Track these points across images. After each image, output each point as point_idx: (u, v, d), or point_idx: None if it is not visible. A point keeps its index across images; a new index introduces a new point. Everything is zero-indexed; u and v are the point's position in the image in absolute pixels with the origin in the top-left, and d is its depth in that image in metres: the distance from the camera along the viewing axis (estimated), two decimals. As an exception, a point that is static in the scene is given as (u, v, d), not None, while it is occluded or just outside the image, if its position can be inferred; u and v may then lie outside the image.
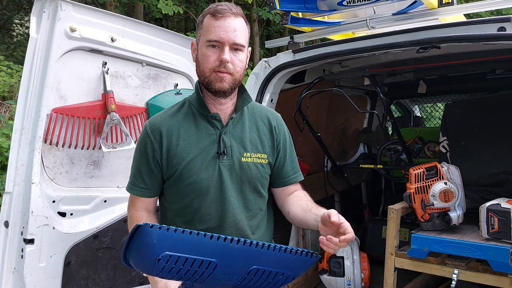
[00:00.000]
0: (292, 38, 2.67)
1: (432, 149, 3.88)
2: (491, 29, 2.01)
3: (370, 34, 2.45)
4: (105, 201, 2.45)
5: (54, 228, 2.18)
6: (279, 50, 7.58)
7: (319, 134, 3.38)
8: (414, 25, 2.32)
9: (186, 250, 1.18)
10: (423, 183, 2.41)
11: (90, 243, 2.33)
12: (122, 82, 2.49)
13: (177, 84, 2.75)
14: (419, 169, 2.44)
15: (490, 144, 2.90)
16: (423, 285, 2.85)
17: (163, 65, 2.65)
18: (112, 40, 2.36)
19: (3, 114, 6.37)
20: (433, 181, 2.40)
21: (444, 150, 3.09)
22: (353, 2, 2.46)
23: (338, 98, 3.72)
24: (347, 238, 1.29)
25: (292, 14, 2.57)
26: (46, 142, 2.21)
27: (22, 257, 2.09)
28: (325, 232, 1.36)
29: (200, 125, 1.54)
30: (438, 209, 2.37)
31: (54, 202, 2.25)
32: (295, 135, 2.15)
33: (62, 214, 2.29)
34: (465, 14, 2.58)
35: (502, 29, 1.98)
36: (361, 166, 3.93)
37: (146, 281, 1.60)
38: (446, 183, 2.37)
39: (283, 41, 2.76)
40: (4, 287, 2.09)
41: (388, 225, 2.45)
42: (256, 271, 1.28)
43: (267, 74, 2.71)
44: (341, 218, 1.33)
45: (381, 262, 2.55)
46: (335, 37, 2.73)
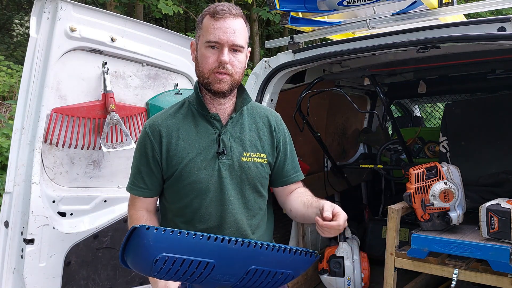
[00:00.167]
0: (292, 38, 2.67)
1: (432, 149, 3.87)
2: (491, 29, 2.01)
3: (370, 34, 2.45)
4: (105, 201, 2.45)
5: (54, 228, 2.18)
6: (279, 50, 7.58)
7: (319, 134, 3.38)
8: (414, 25, 2.32)
9: (183, 251, 1.18)
10: (423, 183, 2.41)
11: (90, 243, 2.33)
12: (122, 82, 2.49)
13: (177, 84, 2.75)
14: (419, 169, 2.44)
15: (490, 144, 2.90)
16: (423, 285, 2.84)
17: (163, 65, 2.65)
18: (112, 40, 2.36)
19: (3, 114, 6.37)
20: (433, 181, 2.40)
21: (444, 150, 3.09)
22: (353, 2, 2.46)
23: (338, 98, 3.72)
24: (333, 225, 1.33)
25: (292, 14, 2.57)
26: (46, 142, 2.21)
27: (22, 257, 2.09)
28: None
29: (199, 125, 1.54)
30: (438, 209, 2.37)
31: (54, 202, 2.25)
32: (295, 135, 2.15)
33: (62, 214, 2.29)
34: (465, 14, 2.58)
35: (502, 29, 1.97)
36: (361, 166, 3.93)
37: (146, 281, 1.60)
38: (446, 183, 2.37)
39: (283, 41, 2.76)
40: (4, 287, 2.09)
41: (388, 225, 2.45)
42: (255, 271, 1.28)
43: (267, 74, 2.71)
44: (335, 209, 1.37)
45: (381, 262, 2.54)
46: (335, 37, 2.73)
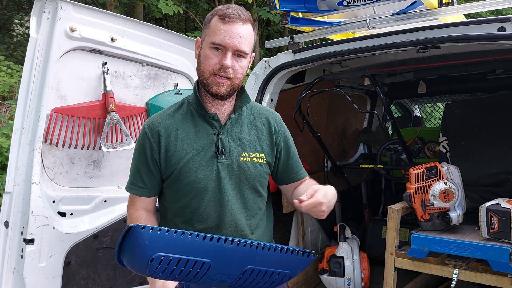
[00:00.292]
0: (292, 38, 2.67)
1: (432, 149, 3.87)
2: (491, 29, 2.01)
3: (370, 34, 2.45)
4: (105, 201, 2.45)
5: (54, 228, 2.19)
6: (279, 50, 7.58)
7: (319, 134, 3.38)
8: (414, 25, 2.32)
9: (179, 251, 1.18)
10: (423, 183, 2.41)
11: (90, 243, 2.34)
12: (122, 82, 2.49)
13: (177, 84, 2.75)
14: (419, 169, 2.44)
15: (490, 144, 2.90)
16: (423, 285, 2.84)
17: (163, 65, 2.66)
18: (112, 40, 2.36)
19: (3, 114, 6.37)
20: (433, 181, 2.40)
21: (444, 150, 3.09)
22: (353, 2, 2.46)
23: (338, 98, 3.72)
24: (310, 202, 1.36)
25: (292, 14, 2.57)
26: (46, 142, 2.21)
27: (22, 257, 2.09)
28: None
29: (198, 125, 1.54)
30: (438, 209, 2.37)
31: (54, 202, 2.25)
32: (295, 135, 2.14)
33: (62, 214, 2.29)
34: (465, 14, 2.58)
35: (502, 29, 1.98)
36: (361, 166, 3.93)
37: (146, 281, 1.60)
38: (446, 183, 2.37)
39: (283, 41, 2.76)
40: (4, 287, 2.09)
41: (388, 225, 2.45)
42: (251, 271, 1.28)
43: (267, 74, 2.72)
44: (315, 189, 1.39)
45: (381, 262, 2.55)
46: (335, 37, 2.73)
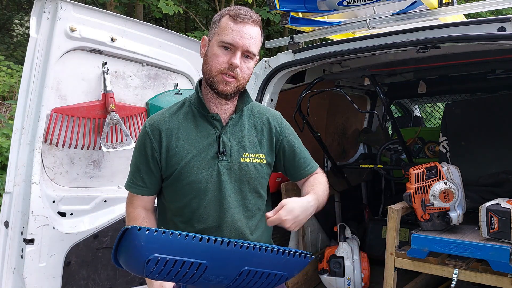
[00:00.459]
0: (292, 38, 2.67)
1: (432, 149, 3.87)
2: (491, 29, 2.01)
3: (370, 34, 2.45)
4: (105, 201, 2.45)
5: (54, 228, 2.19)
6: (279, 50, 7.57)
7: (319, 134, 3.38)
8: (414, 25, 2.32)
9: (175, 252, 1.18)
10: (423, 183, 2.41)
11: (90, 243, 2.34)
12: (122, 82, 2.49)
13: (177, 84, 2.75)
14: (419, 169, 2.44)
15: (490, 144, 2.90)
16: (423, 285, 2.84)
17: (163, 65, 2.66)
18: (112, 40, 2.36)
19: (3, 114, 6.36)
20: (433, 181, 2.40)
21: (444, 150, 3.09)
22: (353, 2, 2.46)
23: (338, 98, 3.72)
24: (273, 219, 1.36)
25: (292, 14, 2.58)
26: (46, 142, 2.21)
27: (22, 257, 2.09)
28: None
29: (199, 125, 1.54)
30: (438, 209, 2.37)
31: (54, 202, 2.25)
32: (295, 135, 2.15)
33: (62, 214, 2.29)
34: (465, 14, 2.58)
35: (502, 29, 1.98)
36: (361, 166, 3.93)
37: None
38: (446, 183, 2.37)
39: (283, 41, 2.76)
40: (4, 287, 2.09)
41: (388, 225, 2.45)
42: (248, 272, 1.28)
43: (267, 74, 2.72)
44: (279, 212, 1.37)
45: (381, 262, 2.55)
46: (335, 37, 2.73)
